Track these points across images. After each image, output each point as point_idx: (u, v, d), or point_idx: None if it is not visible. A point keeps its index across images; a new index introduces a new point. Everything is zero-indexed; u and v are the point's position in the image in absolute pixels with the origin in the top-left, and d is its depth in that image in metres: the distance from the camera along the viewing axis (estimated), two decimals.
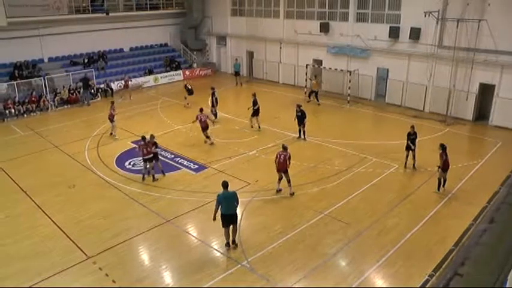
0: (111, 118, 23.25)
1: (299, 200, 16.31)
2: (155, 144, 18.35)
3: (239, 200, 13.21)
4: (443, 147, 16.40)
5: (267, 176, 18.21)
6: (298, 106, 22.31)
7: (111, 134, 23.68)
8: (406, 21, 27.25)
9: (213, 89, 26.70)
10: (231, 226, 13.19)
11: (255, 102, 24.42)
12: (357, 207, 15.81)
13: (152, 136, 18.50)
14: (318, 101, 29.65)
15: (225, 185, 12.94)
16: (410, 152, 18.77)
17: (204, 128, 21.91)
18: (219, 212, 13.00)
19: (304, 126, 22.34)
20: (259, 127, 24.30)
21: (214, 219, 13.05)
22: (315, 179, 18.05)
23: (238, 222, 13.53)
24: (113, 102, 24.23)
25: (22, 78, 30.68)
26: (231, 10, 39.65)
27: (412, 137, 18.67)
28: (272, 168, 18.11)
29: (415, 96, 27.83)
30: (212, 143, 22.06)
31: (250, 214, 15.38)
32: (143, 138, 18.34)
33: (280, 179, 16.68)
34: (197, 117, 22.02)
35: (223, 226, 13.12)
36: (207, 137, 22.14)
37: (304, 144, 21.94)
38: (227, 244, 13.31)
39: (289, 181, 16.55)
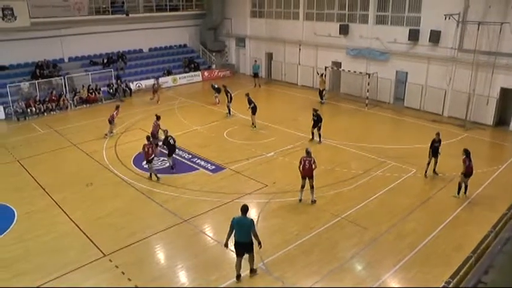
0: (111, 120, 23.97)
1: (316, 203, 16.16)
2: (151, 147, 18.37)
3: (255, 229, 11.74)
4: (466, 153, 16.14)
5: (285, 178, 18.15)
6: (315, 110, 22.21)
7: (111, 132, 24.19)
8: (426, 24, 26.93)
9: (224, 86, 28.07)
10: (246, 255, 11.96)
11: (250, 101, 24.99)
12: (374, 211, 15.64)
13: (149, 137, 18.76)
14: (321, 99, 29.82)
15: (243, 209, 11.57)
16: (433, 159, 18.21)
17: (153, 135, 21.00)
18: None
19: (319, 129, 22.18)
20: (253, 125, 24.91)
21: (225, 245, 11.77)
22: (331, 182, 17.90)
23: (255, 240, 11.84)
24: (118, 106, 24.82)
25: (43, 77, 31.09)
26: (251, 12, 39.65)
27: (436, 144, 18.04)
28: (289, 170, 18.11)
29: (434, 100, 27.47)
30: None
31: (267, 216, 15.32)
32: (148, 138, 18.60)
33: (302, 186, 16.09)
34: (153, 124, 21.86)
35: (236, 255, 11.96)
36: (156, 144, 20.93)
37: (321, 147, 21.78)
38: (238, 277, 11.95)
39: (312, 187, 15.99)
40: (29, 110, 28.30)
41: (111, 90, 32.46)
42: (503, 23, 23.36)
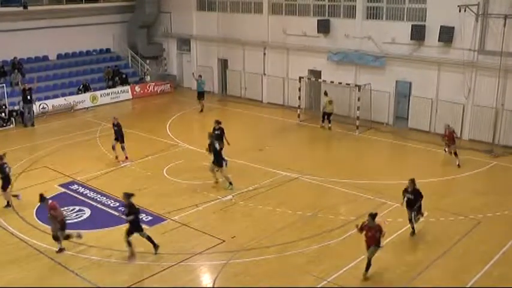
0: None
1: (292, 263, 16.21)
2: None
3: None
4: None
5: (247, 230, 18.25)
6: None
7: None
8: (435, 18, 27.61)
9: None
10: None
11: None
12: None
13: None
14: (329, 123, 29.90)
15: None
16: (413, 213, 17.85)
17: None
18: None
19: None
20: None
21: None
22: (313, 233, 18.01)
23: None
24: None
25: None
26: (197, 3, 40.04)
27: (408, 195, 17.78)
28: (254, 219, 18.21)
29: (448, 118, 27.66)
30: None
31: (225, 283, 15.27)
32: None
33: None
34: None
35: None
36: None
37: (300, 186, 21.99)
38: None
39: None
40: None
41: (3, 114, 31.92)
42: None
